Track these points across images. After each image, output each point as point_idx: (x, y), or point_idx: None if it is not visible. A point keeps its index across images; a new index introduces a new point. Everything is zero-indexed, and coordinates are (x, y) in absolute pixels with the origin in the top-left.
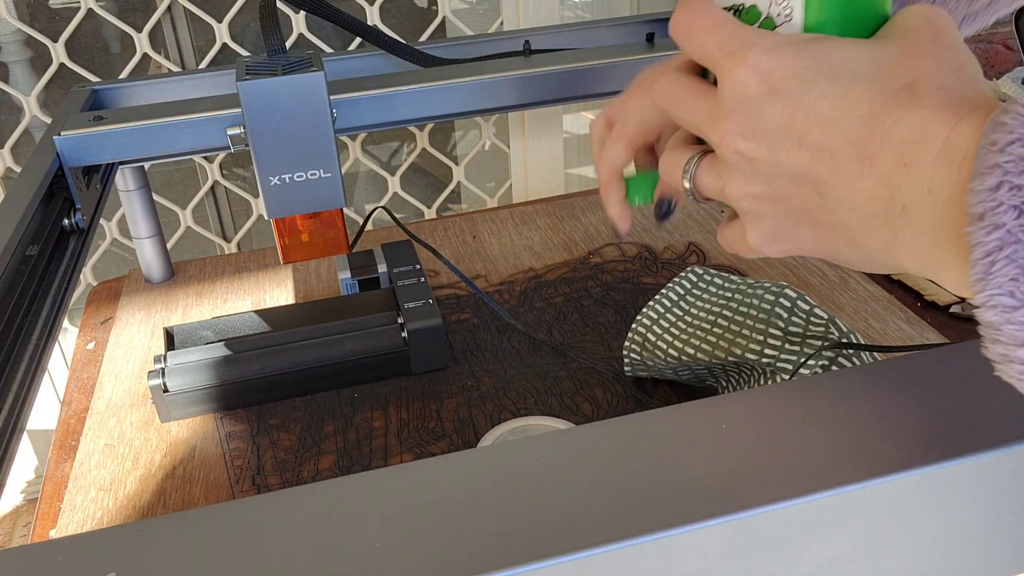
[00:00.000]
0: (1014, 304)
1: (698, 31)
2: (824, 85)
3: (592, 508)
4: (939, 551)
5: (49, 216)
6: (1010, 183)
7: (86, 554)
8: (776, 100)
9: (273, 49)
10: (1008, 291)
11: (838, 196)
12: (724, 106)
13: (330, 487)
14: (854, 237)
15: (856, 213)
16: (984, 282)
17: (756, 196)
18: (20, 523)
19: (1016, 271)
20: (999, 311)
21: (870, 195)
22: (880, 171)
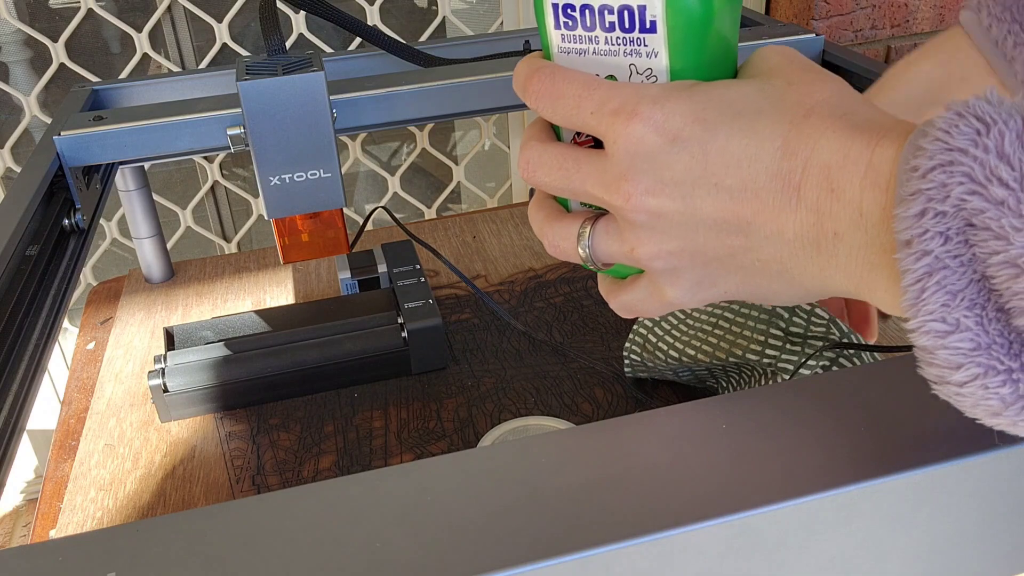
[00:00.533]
0: (946, 329)
1: (566, 96)
2: (728, 124)
3: (592, 508)
4: (939, 551)
5: (49, 216)
6: (934, 210)
7: (86, 554)
8: (681, 148)
9: (273, 49)
10: (940, 317)
11: (766, 233)
12: (621, 166)
13: (330, 487)
14: (785, 272)
15: (788, 247)
16: (916, 307)
17: (671, 252)
18: (20, 523)
19: (946, 297)
20: (932, 336)
21: (800, 226)
22: (808, 200)
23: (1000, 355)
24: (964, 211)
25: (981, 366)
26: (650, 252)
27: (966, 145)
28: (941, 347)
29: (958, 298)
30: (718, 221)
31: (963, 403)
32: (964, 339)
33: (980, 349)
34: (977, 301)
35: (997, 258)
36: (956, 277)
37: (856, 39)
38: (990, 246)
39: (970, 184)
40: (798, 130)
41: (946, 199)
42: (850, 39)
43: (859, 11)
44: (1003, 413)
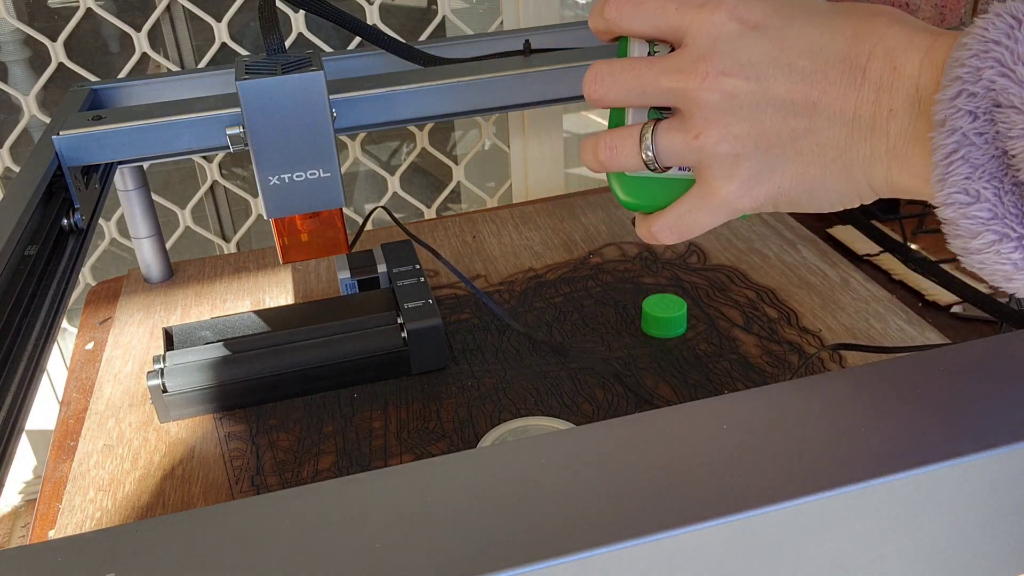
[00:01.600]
0: (968, 200)
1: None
2: (806, 18)
3: (592, 508)
4: (939, 551)
5: (48, 216)
6: (967, 91)
7: (85, 554)
8: (760, 35)
9: (272, 48)
10: (963, 188)
11: (829, 114)
12: (701, 49)
13: (330, 487)
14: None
15: (847, 128)
16: (943, 182)
17: (737, 135)
18: (19, 523)
19: (969, 170)
20: (955, 208)
21: (861, 104)
22: (871, 78)
23: (1013, 224)
24: (993, 91)
25: (996, 233)
26: (716, 135)
27: (1000, 37)
28: (963, 216)
29: (979, 171)
30: (787, 101)
31: (983, 270)
32: (983, 209)
33: (996, 218)
34: (996, 175)
35: (1017, 129)
36: (979, 153)
37: None
38: (1011, 120)
39: (1000, 68)
40: (867, 24)
41: (978, 81)
42: None
43: None
44: (1015, 277)
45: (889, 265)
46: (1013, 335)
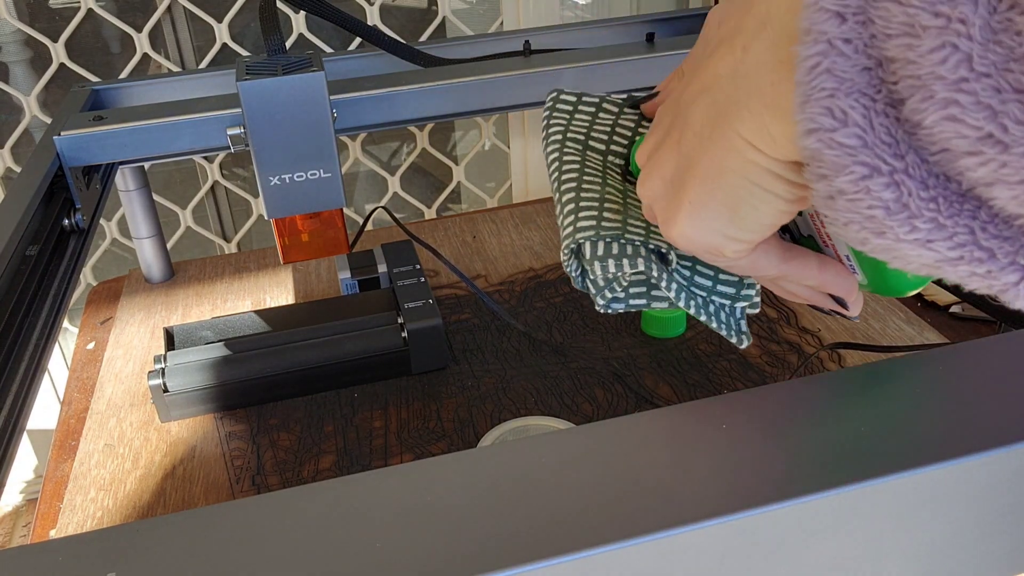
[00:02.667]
0: (832, 124)
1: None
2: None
3: (592, 508)
4: (939, 551)
5: (49, 216)
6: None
7: (86, 554)
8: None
9: (273, 49)
10: (827, 107)
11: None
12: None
13: (330, 487)
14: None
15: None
16: (805, 104)
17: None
18: (20, 523)
19: (834, 83)
20: (818, 135)
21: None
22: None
23: (885, 154)
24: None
25: (866, 167)
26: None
27: None
28: (826, 145)
29: (846, 85)
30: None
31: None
32: (850, 135)
33: (866, 147)
34: (866, 92)
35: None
36: (847, 64)
37: None
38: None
39: None
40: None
41: None
42: None
43: None
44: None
45: None
46: (1012, 335)
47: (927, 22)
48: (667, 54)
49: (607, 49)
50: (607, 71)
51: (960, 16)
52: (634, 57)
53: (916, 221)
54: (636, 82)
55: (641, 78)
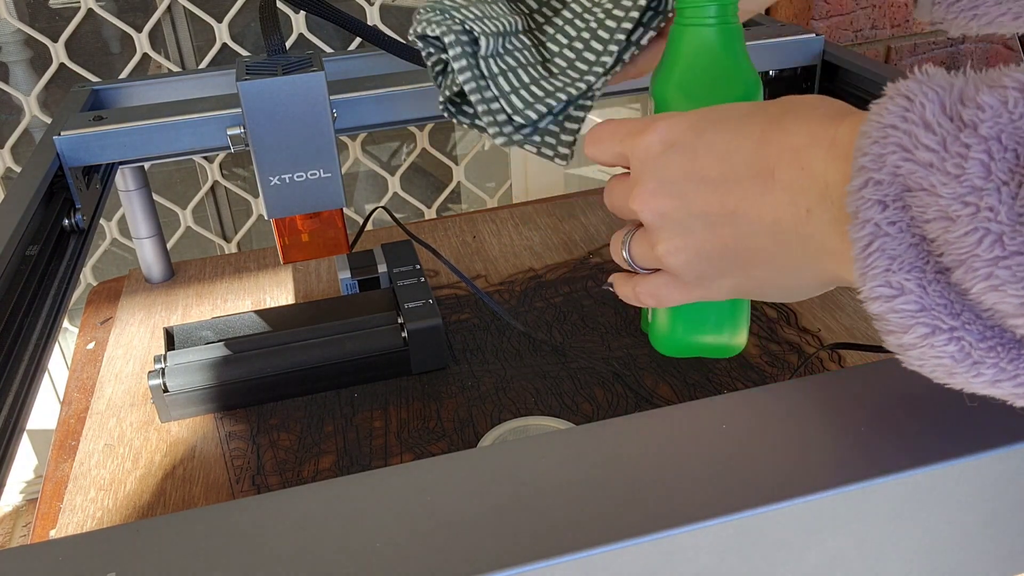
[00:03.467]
0: (891, 293)
1: (603, 137)
2: (716, 126)
3: (592, 508)
4: (939, 551)
5: (49, 216)
6: (873, 180)
7: (86, 554)
8: (675, 151)
9: (273, 49)
10: (885, 281)
11: (750, 219)
12: (636, 173)
13: (330, 487)
14: (774, 259)
15: (770, 232)
16: (864, 276)
17: (679, 248)
18: (20, 523)
19: (887, 261)
20: (880, 302)
21: (776, 207)
22: (782, 181)
23: (943, 315)
24: (900, 177)
25: (927, 326)
26: (663, 249)
27: (895, 121)
28: (889, 311)
29: (898, 261)
30: (708, 214)
31: (923, 367)
32: (908, 301)
33: (924, 310)
34: (917, 264)
35: (931, 212)
36: (896, 243)
37: (856, 39)
38: (923, 201)
39: (901, 152)
40: (775, 124)
41: (882, 168)
42: (850, 39)
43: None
44: (956, 371)
45: None
46: None
47: (958, 211)
48: None
49: None
50: None
51: (988, 205)
52: None
53: (980, 368)
54: (636, 82)
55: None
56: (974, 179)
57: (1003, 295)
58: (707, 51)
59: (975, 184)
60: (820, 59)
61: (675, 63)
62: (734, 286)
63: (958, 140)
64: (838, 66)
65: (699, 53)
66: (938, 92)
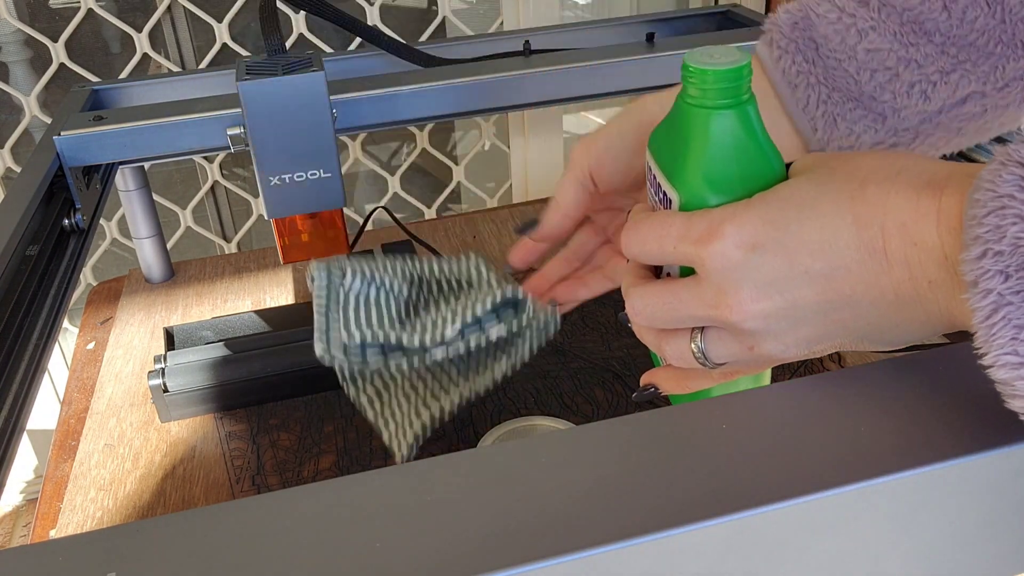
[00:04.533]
0: (1019, 361)
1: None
2: (796, 216)
3: (592, 508)
4: (939, 551)
5: (49, 216)
6: (992, 250)
7: (86, 554)
8: (765, 253)
9: (273, 49)
10: (1011, 350)
11: (872, 299)
12: (717, 284)
13: (330, 487)
14: (895, 326)
15: (891, 307)
16: (988, 343)
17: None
18: (20, 523)
19: (1014, 331)
20: (1008, 369)
21: (897, 284)
22: (896, 258)
23: None
24: (1021, 248)
25: None
26: (772, 348)
27: (1012, 191)
28: (1018, 378)
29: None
30: (822, 303)
31: None
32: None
33: None
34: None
35: None
36: (1021, 312)
37: None
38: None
39: (1022, 224)
40: (862, 200)
41: (1002, 239)
42: None
43: None
44: None
45: None
46: None
47: None
48: (667, 54)
49: (607, 49)
50: (607, 71)
51: None
52: (634, 57)
53: None
54: (636, 82)
55: (641, 78)
56: None
57: None
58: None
59: None
60: None
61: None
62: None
63: None
64: None
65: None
66: None
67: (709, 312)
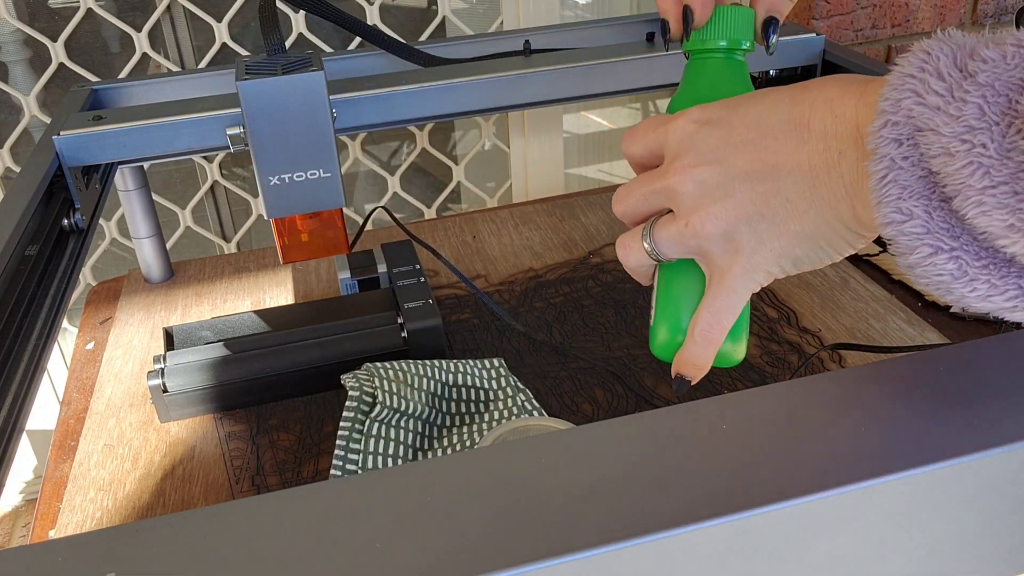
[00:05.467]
0: (902, 218)
1: (638, 131)
2: (748, 101)
3: (592, 508)
4: (939, 551)
5: (48, 216)
6: (891, 121)
7: (85, 554)
8: (712, 127)
9: (273, 49)
10: (896, 208)
11: (789, 169)
12: (672, 153)
13: (330, 487)
14: (811, 208)
15: (807, 178)
16: (880, 204)
17: (718, 214)
18: (19, 523)
19: (899, 190)
20: (893, 226)
21: (813, 154)
22: (816, 129)
23: (944, 237)
24: (912, 118)
25: (930, 247)
26: (700, 218)
27: (913, 71)
28: (899, 234)
29: (908, 191)
30: (749, 171)
31: (927, 284)
32: (916, 225)
33: (929, 233)
34: (924, 194)
35: (935, 148)
36: (907, 175)
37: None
38: (929, 140)
39: (915, 97)
40: (804, 89)
41: (898, 111)
42: (851, 39)
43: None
44: (954, 287)
45: (888, 265)
46: (1012, 335)
47: (957, 147)
48: (667, 54)
49: (607, 49)
50: (607, 71)
51: (980, 142)
52: (634, 57)
53: (975, 283)
54: (636, 82)
55: (641, 78)
56: (971, 120)
57: (991, 219)
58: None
59: (971, 124)
60: (821, 59)
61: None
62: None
63: (961, 87)
64: (839, 66)
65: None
66: (952, 48)
67: (658, 182)
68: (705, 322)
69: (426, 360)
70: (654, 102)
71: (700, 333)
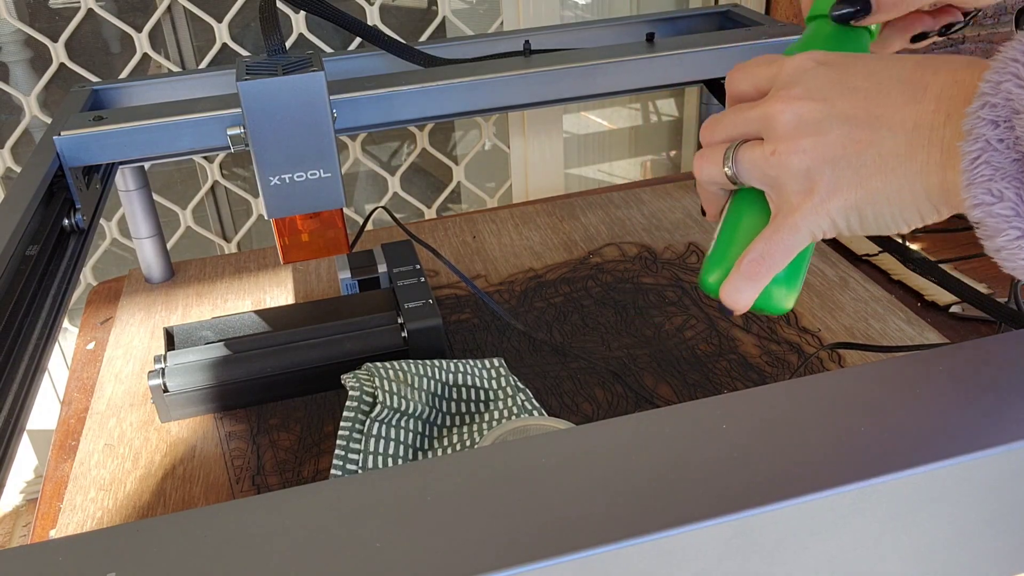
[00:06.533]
0: (991, 200)
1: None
2: (873, 57)
3: (592, 508)
4: (939, 551)
5: (49, 216)
6: (989, 102)
7: (86, 554)
8: (829, 67)
9: (273, 49)
10: (987, 189)
11: (892, 124)
12: (782, 83)
13: (330, 487)
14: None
15: (907, 136)
16: (970, 185)
17: (807, 149)
18: (20, 523)
19: (991, 172)
20: (982, 208)
21: (921, 114)
22: (933, 91)
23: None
24: (1011, 100)
25: (1018, 229)
26: (788, 148)
27: (1016, 55)
28: (987, 215)
29: (1000, 172)
30: (850, 116)
31: (1014, 269)
32: (1005, 207)
33: (1018, 216)
34: (1017, 176)
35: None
36: (1001, 157)
37: None
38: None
39: (1016, 80)
40: (929, 57)
41: (997, 93)
42: None
43: None
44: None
45: (888, 265)
46: (1012, 335)
47: None
48: (667, 54)
49: (607, 49)
50: (607, 71)
51: None
52: (634, 57)
53: None
54: (636, 82)
55: (641, 78)
56: None
57: None
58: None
59: None
60: None
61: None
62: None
63: None
64: None
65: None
66: None
67: (758, 108)
68: (757, 252)
69: (426, 360)
70: (654, 102)
71: (748, 263)
